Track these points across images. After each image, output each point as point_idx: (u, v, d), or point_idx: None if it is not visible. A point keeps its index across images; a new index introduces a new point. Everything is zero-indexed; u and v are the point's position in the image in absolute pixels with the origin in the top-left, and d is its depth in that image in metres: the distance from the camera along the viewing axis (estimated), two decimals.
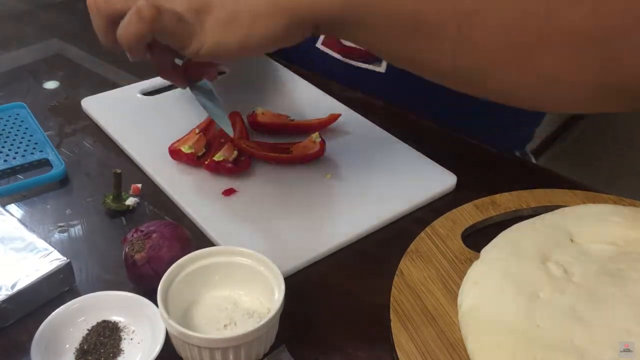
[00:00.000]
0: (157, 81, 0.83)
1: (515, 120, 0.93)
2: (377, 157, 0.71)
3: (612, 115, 2.15)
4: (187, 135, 0.71)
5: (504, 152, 0.92)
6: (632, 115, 2.04)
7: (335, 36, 0.58)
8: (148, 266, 0.53)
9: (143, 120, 0.76)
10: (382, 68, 0.84)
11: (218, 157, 0.66)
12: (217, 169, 0.67)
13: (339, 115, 0.73)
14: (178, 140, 0.70)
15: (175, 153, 0.69)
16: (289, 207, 0.64)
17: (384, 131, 0.76)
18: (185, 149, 0.68)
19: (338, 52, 0.87)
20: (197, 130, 0.71)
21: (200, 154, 0.68)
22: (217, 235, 0.60)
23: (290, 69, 0.87)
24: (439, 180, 0.68)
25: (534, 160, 1.03)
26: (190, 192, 0.65)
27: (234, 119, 0.74)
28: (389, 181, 0.68)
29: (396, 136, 0.75)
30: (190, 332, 0.47)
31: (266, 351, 0.50)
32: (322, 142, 0.67)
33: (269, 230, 0.62)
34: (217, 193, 0.65)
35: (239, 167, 0.67)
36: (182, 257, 0.52)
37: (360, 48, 0.82)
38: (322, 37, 0.88)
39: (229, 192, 0.65)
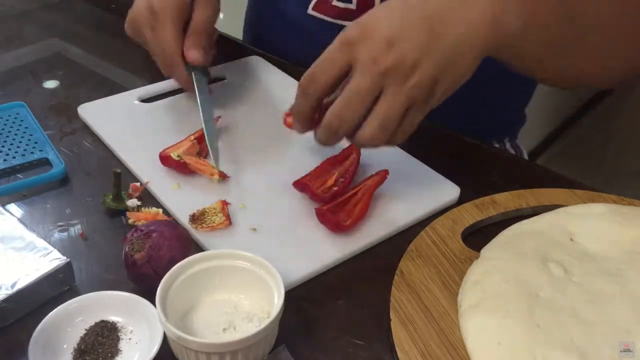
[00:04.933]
0: (155, 88, 0.83)
1: (503, 100, 0.93)
2: (378, 169, 0.69)
3: (612, 116, 2.15)
4: (181, 141, 0.71)
5: (504, 151, 0.92)
6: (631, 116, 2.03)
7: (505, 59, 0.63)
8: (148, 266, 0.53)
9: (140, 128, 0.76)
10: None
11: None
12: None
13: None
14: (171, 147, 0.70)
15: (164, 159, 0.68)
16: (286, 219, 0.64)
17: None
18: (174, 155, 0.67)
19: (328, 15, 0.87)
20: (192, 138, 0.71)
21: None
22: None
23: (288, 69, 0.87)
24: (442, 192, 0.67)
25: (526, 156, 1.02)
26: (185, 203, 0.64)
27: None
28: (390, 195, 0.67)
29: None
30: (187, 336, 0.47)
31: (265, 355, 0.50)
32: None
33: (269, 242, 0.61)
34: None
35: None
36: (181, 256, 0.52)
37: (349, 8, 0.84)
38: (312, 3, 0.88)
39: (224, 204, 0.64)
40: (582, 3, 0.61)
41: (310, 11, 0.88)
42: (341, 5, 0.85)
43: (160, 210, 0.63)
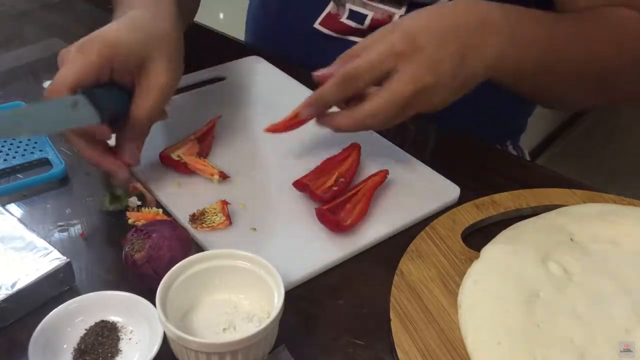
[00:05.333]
0: None
1: (508, 109, 0.94)
2: (378, 169, 0.69)
3: (612, 115, 2.15)
4: (181, 141, 0.70)
5: (504, 151, 0.92)
6: (631, 115, 2.03)
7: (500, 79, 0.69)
8: (148, 266, 0.53)
9: None
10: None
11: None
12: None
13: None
14: (171, 147, 0.69)
15: (164, 159, 0.68)
16: (288, 218, 0.64)
17: (388, 141, 0.74)
18: (174, 155, 0.67)
19: (335, 31, 0.87)
20: (192, 137, 0.71)
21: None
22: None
23: (288, 70, 0.87)
24: (442, 192, 0.67)
25: (527, 157, 1.02)
26: (185, 203, 0.64)
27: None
28: (390, 195, 0.67)
29: (396, 139, 0.74)
30: (187, 336, 0.47)
31: (265, 355, 0.50)
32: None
33: (269, 242, 0.61)
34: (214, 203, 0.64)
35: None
36: (181, 256, 0.52)
37: (359, 28, 0.84)
38: (320, 17, 0.88)
39: (224, 204, 0.63)
40: (561, 54, 0.68)
41: (316, 25, 0.88)
42: (352, 24, 0.85)
43: (160, 210, 0.63)
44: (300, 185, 0.65)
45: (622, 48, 0.70)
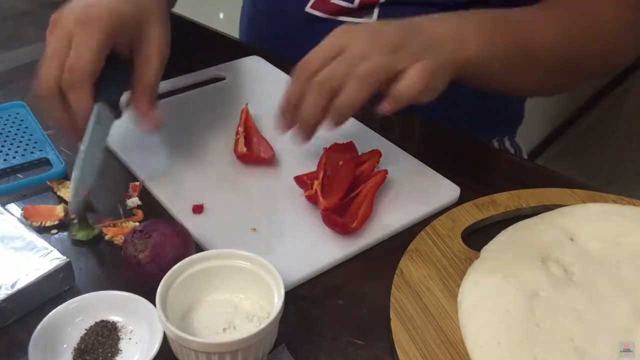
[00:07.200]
0: None
1: (501, 97, 0.94)
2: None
3: (612, 116, 2.15)
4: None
5: (504, 151, 0.92)
6: (631, 116, 2.03)
7: (469, 81, 0.70)
8: (153, 264, 0.53)
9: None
10: (372, 21, 0.85)
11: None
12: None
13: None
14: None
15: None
16: (284, 218, 0.64)
17: (387, 141, 0.74)
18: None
19: (326, 12, 0.87)
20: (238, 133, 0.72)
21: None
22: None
23: (288, 69, 0.87)
24: (442, 192, 0.67)
25: (525, 154, 1.02)
26: (186, 204, 0.64)
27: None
28: (391, 195, 0.67)
29: (396, 139, 0.74)
30: (187, 336, 0.47)
31: (265, 355, 0.50)
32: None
33: (269, 242, 0.61)
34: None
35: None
36: (185, 251, 0.53)
37: (349, 7, 0.86)
38: (311, 1, 0.88)
39: (199, 209, 0.63)
40: (532, 37, 0.69)
41: (308, 9, 0.88)
42: (342, 3, 0.85)
43: (137, 224, 0.62)
44: (299, 180, 0.65)
45: (586, 30, 0.72)
